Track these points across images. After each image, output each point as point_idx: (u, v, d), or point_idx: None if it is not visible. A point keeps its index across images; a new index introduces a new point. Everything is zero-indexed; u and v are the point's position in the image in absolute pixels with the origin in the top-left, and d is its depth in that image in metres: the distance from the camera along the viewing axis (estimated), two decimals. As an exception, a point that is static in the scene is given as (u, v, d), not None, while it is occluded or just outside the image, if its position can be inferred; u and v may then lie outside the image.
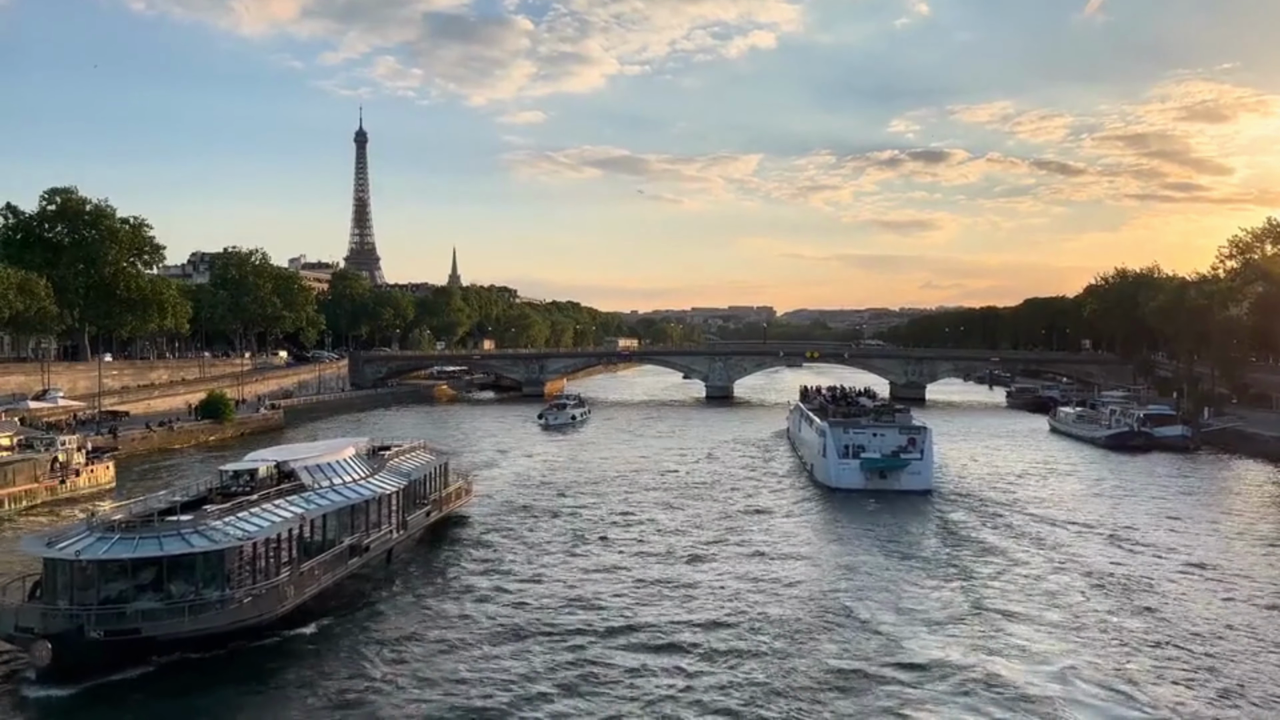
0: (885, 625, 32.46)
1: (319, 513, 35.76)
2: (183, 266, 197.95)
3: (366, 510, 38.99)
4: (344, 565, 36.04)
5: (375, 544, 38.95)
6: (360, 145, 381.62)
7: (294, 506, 34.76)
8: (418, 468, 46.67)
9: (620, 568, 41.07)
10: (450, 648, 30.81)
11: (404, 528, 42.36)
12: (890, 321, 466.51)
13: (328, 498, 37.13)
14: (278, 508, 34.03)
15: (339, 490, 38.22)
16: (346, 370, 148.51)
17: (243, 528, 31.28)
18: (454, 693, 27.11)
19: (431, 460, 49.48)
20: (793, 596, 36.42)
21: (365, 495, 39.13)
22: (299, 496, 36.08)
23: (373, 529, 39.17)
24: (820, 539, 47.90)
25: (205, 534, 30.12)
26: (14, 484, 54.47)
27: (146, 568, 29.33)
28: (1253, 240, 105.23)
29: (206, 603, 29.18)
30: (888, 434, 62.32)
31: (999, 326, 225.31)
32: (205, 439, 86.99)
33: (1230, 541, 47.27)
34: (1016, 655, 29.79)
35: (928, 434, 61.84)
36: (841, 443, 61.39)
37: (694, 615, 33.93)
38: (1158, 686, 27.72)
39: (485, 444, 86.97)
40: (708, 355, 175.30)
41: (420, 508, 45.27)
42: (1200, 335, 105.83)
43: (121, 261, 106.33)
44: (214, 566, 29.83)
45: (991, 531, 48.68)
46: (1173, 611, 34.90)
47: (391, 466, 44.63)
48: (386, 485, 41.30)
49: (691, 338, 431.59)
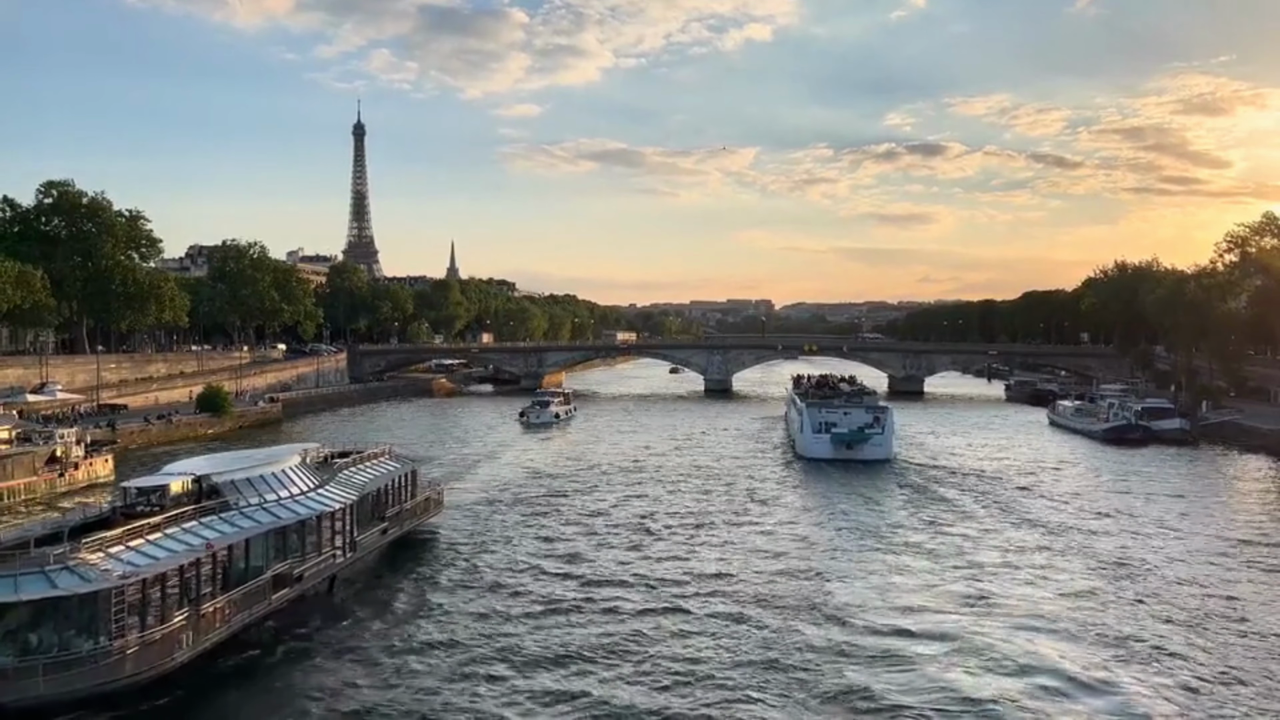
0: (839, 552, 43.28)
1: (238, 537, 30.27)
2: (180, 260, 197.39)
3: (303, 531, 33.44)
4: (266, 600, 30.42)
5: (311, 572, 33.42)
6: (358, 138, 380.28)
7: (206, 531, 29.48)
8: (375, 478, 41.12)
9: (603, 598, 35.00)
10: (375, 706, 25.35)
11: (353, 549, 36.68)
12: (888, 315, 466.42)
13: (254, 518, 31.78)
14: (185, 533, 28.90)
15: (270, 508, 32.78)
16: (345, 364, 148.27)
17: (131, 561, 26.01)
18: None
19: (394, 469, 43.75)
20: (772, 540, 45.56)
21: (302, 513, 33.64)
22: (217, 517, 30.77)
23: (310, 554, 33.63)
24: (794, 495, 58.40)
25: (77, 571, 24.54)
26: (12, 477, 54.45)
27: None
28: (1251, 234, 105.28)
29: (74, 658, 23.81)
30: (855, 413, 73.14)
31: (997, 320, 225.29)
32: (203, 432, 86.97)
33: (1222, 529, 47.34)
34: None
35: (889, 413, 73.27)
36: (816, 420, 72.06)
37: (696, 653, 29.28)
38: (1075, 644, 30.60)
39: (472, 442, 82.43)
40: (706, 348, 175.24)
41: (375, 525, 39.72)
42: (1198, 329, 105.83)
43: (118, 254, 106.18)
44: (88, 611, 24.33)
45: (952, 497, 57.05)
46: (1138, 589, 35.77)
47: (343, 478, 39.10)
48: (332, 500, 35.88)
49: (690, 331, 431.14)
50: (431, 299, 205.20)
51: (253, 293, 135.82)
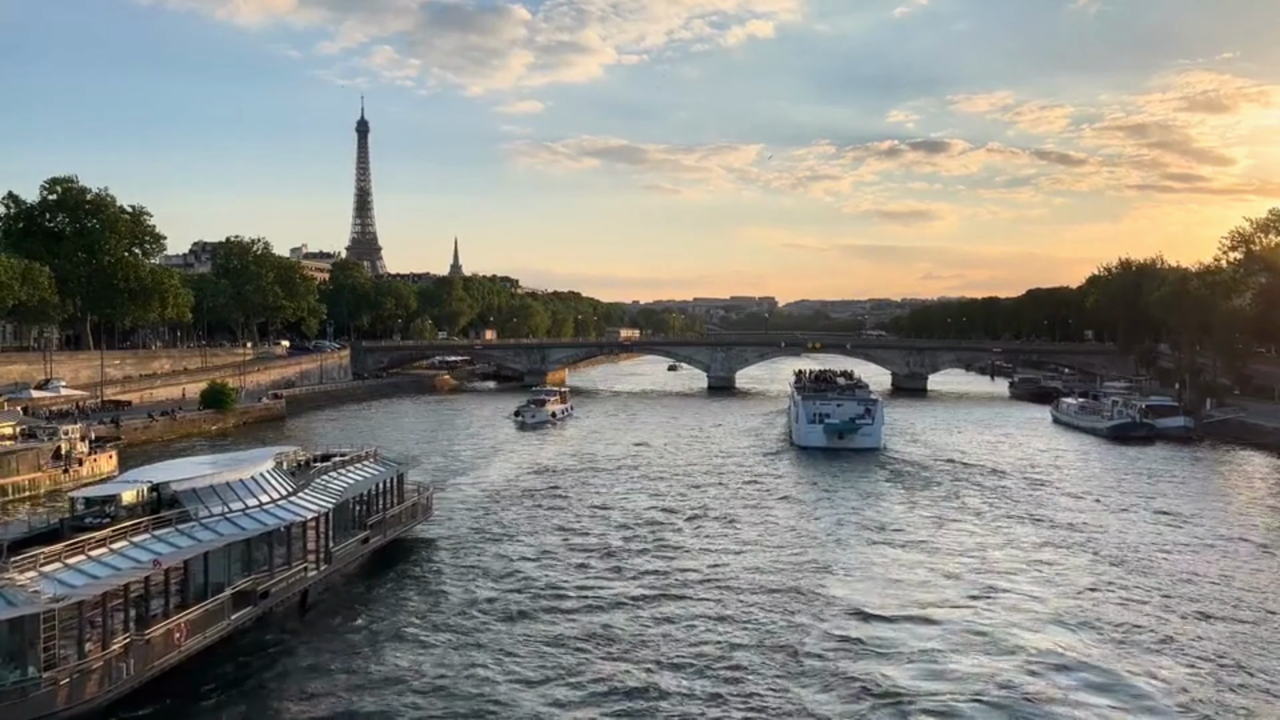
0: (828, 529, 47.48)
1: (194, 551, 27.58)
2: (184, 256, 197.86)
3: (270, 543, 30.86)
4: (224, 621, 28.01)
5: (279, 587, 30.96)
6: (362, 135, 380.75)
7: (158, 545, 26.85)
8: (356, 484, 38.31)
9: (598, 611, 32.68)
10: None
11: (328, 561, 34.12)
12: (892, 312, 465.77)
13: (214, 529, 29.16)
14: (134, 547, 26.29)
15: (234, 519, 30.14)
16: (348, 360, 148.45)
17: (67, 580, 23.60)
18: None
19: (377, 474, 40.91)
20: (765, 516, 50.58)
21: (270, 524, 30.95)
22: (174, 530, 28.16)
23: (279, 568, 31.15)
24: (788, 480, 62.97)
25: (3, 593, 22.34)
26: (17, 473, 54.64)
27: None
28: (1255, 231, 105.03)
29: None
30: (847, 405, 77.87)
31: (1001, 317, 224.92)
32: (207, 428, 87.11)
33: (1226, 527, 47.14)
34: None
35: (879, 405, 78.50)
36: (811, 411, 76.70)
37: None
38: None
39: (467, 442, 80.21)
40: (709, 345, 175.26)
41: (355, 534, 37.18)
42: (1203, 326, 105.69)
43: (122, 251, 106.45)
44: (15, 638, 22.17)
45: (939, 484, 60.54)
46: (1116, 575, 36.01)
47: (319, 484, 36.39)
48: (305, 509, 33.23)
49: (694, 328, 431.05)
50: (435, 296, 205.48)
51: (256, 289, 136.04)
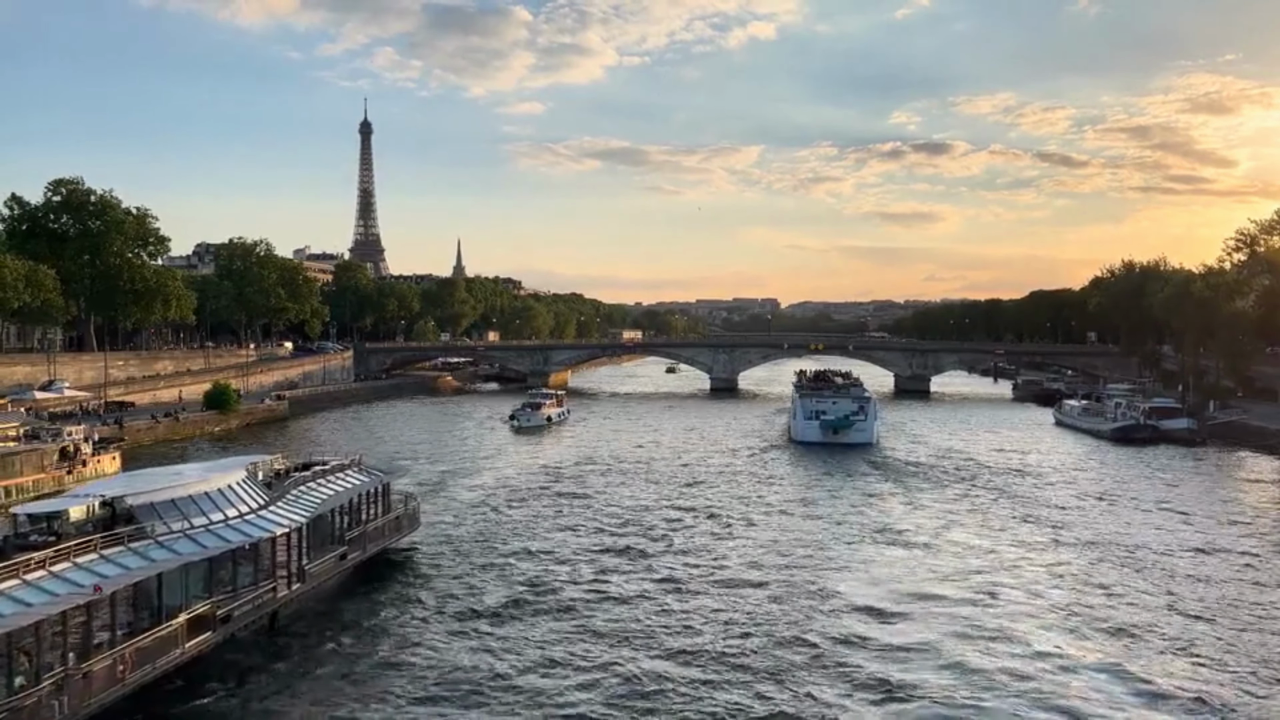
0: (822, 514, 51.31)
1: (145, 573, 24.92)
2: (188, 257, 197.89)
3: (234, 562, 28.61)
4: (178, 649, 25.37)
5: (244, 610, 28.50)
6: (365, 136, 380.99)
7: (104, 566, 24.13)
8: (335, 495, 35.79)
9: (597, 632, 30.70)
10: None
11: (301, 580, 31.56)
12: (894, 313, 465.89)
13: (171, 548, 26.52)
14: (77, 569, 23.59)
15: (195, 535, 27.60)
16: (351, 361, 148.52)
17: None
18: None
19: (359, 484, 38.33)
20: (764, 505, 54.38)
21: (234, 540, 28.55)
22: (125, 548, 25.41)
23: (244, 588, 28.77)
24: (785, 472, 66.79)
25: None
26: (21, 474, 54.62)
27: None
28: (1259, 233, 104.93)
29: None
30: (842, 402, 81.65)
31: (1003, 319, 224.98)
32: (210, 429, 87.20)
33: (1229, 527, 47.15)
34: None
35: (873, 402, 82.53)
36: (808, 408, 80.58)
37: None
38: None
39: (458, 446, 78.46)
40: (711, 347, 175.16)
41: (333, 549, 34.67)
42: (1206, 328, 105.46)
43: (126, 252, 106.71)
44: None
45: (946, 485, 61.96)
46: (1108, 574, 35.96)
47: (294, 496, 33.86)
48: (276, 523, 30.78)
49: (696, 329, 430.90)
50: (437, 297, 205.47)
51: (259, 290, 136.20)
